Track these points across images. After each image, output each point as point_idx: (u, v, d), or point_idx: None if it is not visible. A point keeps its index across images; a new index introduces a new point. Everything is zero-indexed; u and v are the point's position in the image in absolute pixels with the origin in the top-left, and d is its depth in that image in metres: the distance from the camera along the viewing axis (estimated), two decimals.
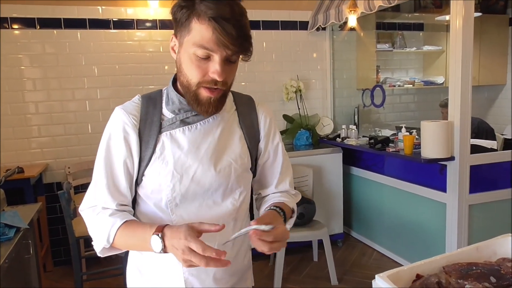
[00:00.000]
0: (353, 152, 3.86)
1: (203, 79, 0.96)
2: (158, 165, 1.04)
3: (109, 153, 1.04)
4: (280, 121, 4.15)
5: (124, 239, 0.99)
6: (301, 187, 3.52)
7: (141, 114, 1.06)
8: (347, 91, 4.41)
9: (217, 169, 1.07)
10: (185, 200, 1.06)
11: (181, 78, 1.01)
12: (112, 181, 1.04)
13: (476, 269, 1.02)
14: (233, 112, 1.15)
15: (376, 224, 3.72)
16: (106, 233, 0.99)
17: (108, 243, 1.00)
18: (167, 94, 1.09)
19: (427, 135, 2.78)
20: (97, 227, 1.02)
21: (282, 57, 4.13)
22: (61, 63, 3.47)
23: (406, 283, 1.01)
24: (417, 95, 4.80)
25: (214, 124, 1.09)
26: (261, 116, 1.19)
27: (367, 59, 4.39)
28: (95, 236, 1.03)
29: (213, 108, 1.01)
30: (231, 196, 1.11)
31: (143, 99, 1.09)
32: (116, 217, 1.00)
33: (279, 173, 1.21)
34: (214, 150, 1.08)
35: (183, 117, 1.06)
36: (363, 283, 3.15)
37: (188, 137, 1.06)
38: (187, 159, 1.05)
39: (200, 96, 0.99)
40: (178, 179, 1.04)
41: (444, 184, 2.86)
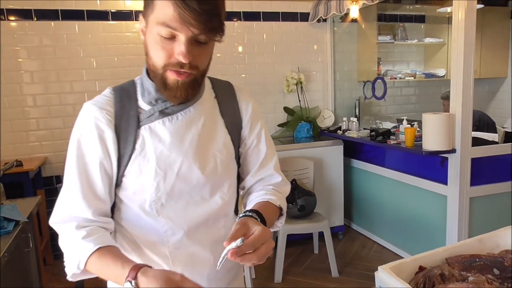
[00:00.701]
0: (354, 144, 3.85)
1: (168, 61, 0.88)
2: (139, 163, 0.95)
3: (81, 155, 0.94)
4: (280, 114, 4.14)
5: (96, 268, 0.87)
6: (302, 180, 3.51)
7: (116, 108, 0.96)
8: (348, 83, 4.38)
9: (204, 162, 1.00)
10: (171, 199, 0.97)
11: (148, 62, 0.93)
12: (87, 185, 0.93)
13: (479, 261, 1.01)
14: (212, 100, 1.06)
15: (377, 217, 3.71)
16: (76, 259, 0.87)
17: (79, 269, 0.88)
18: (142, 84, 0.99)
19: (428, 127, 2.76)
20: (68, 249, 0.90)
21: (282, 48, 4.10)
22: (59, 55, 3.44)
23: (409, 275, 1.00)
24: (418, 88, 4.78)
25: (196, 114, 1.00)
26: (242, 103, 1.10)
27: (368, 51, 4.36)
28: (66, 259, 0.91)
29: (181, 92, 0.91)
30: (219, 190, 1.03)
31: (115, 92, 0.99)
32: (89, 241, 0.87)
33: (262, 159, 1.10)
34: (199, 142, 1.00)
35: (161, 108, 0.97)
36: (363, 275, 3.15)
37: (169, 129, 0.97)
38: (170, 154, 0.96)
39: (168, 80, 0.90)
40: (162, 176, 0.95)
41: (445, 176, 2.85)
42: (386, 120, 4.16)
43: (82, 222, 0.91)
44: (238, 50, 3.97)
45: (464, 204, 2.79)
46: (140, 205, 0.97)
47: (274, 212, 1.02)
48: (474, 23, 2.62)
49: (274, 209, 1.02)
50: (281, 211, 1.05)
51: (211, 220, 1.02)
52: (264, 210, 0.96)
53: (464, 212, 2.80)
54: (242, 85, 3.94)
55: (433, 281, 0.94)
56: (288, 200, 3.59)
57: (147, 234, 0.99)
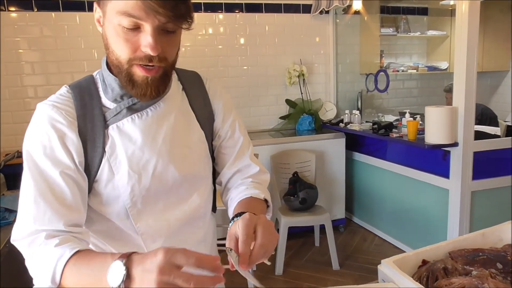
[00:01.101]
0: (356, 137, 3.84)
1: (134, 55, 0.79)
2: (110, 167, 0.86)
3: (38, 164, 0.81)
4: (282, 106, 4.12)
5: (75, 276, 0.72)
6: (303, 172, 3.50)
7: (77, 108, 0.86)
8: (350, 76, 4.36)
9: (179, 160, 0.92)
10: (147, 203, 0.90)
11: (110, 56, 0.83)
12: (52, 194, 0.80)
13: (483, 255, 1.00)
14: (180, 93, 0.98)
15: (378, 210, 3.71)
16: (50, 269, 0.72)
17: (54, 283, 0.73)
18: (103, 80, 0.90)
19: (431, 120, 2.75)
20: (38, 262, 0.75)
21: (284, 40, 4.07)
22: (60, 46, 3.42)
23: (412, 269, 1.00)
24: (421, 81, 4.75)
25: (166, 109, 0.92)
26: (212, 94, 1.02)
27: (371, 43, 4.33)
28: (37, 275, 0.76)
29: (152, 90, 0.83)
30: (197, 188, 0.97)
31: (73, 90, 0.88)
32: (64, 247, 0.74)
33: (238, 150, 1.03)
34: (173, 138, 0.92)
35: (129, 104, 0.88)
36: (364, 268, 3.15)
37: (139, 127, 0.88)
38: (143, 154, 0.88)
39: (135, 76, 0.81)
40: (136, 179, 0.87)
41: (447, 170, 2.84)
42: (388, 113, 4.14)
43: (52, 232, 0.78)
44: (240, 42, 3.94)
45: (466, 198, 2.78)
46: (114, 213, 0.89)
47: (261, 207, 0.95)
48: (477, 16, 2.60)
49: (260, 203, 0.95)
50: (267, 203, 0.98)
51: (190, 221, 0.96)
52: (251, 209, 0.88)
53: (465, 206, 2.80)
54: (244, 77, 3.96)
55: (436, 275, 0.94)
56: (290, 193, 3.59)
57: (124, 244, 0.91)
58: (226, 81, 3.91)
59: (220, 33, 3.86)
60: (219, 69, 3.89)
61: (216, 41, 3.85)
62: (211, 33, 3.83)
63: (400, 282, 0.90)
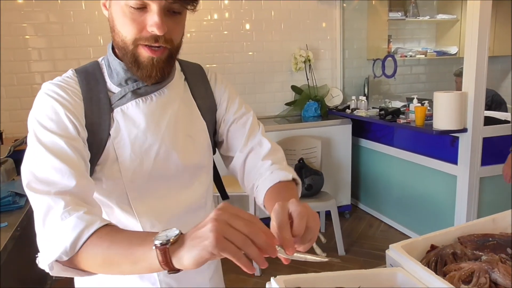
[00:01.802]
0: (363, 123, 3.81)
1: (140, 35, 0.79)
2: (114, 151, 0.85)
3: (47, 134, 0.77)
4: (288, 92, 4.10)
5: (102, 245, 0.66)
6: (309, 159, 3.50)
7: (83, 91, 0.85)
8: (357, 61, 4.31)
9: (182, 148, 0.92)
10: (148, 189, 0.89)
11: (116, 38, 0.83)
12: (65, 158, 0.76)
13: (492, 241, 1.00)
14: (183, 83, 0.98)
15: (384, 196, 3.71)
16: (73, 234, 0.67)
17: (72, 250, 0.67)
18: (109, 65, 0.89)
19: (439, 106, 2.72)
20: (58, 226, 0.69)
21: (290, 26, 4.03)
22: (66, 32, 3.41)
23: (420, 254, 1.00)
24: (429, 66, 4.70)
25: (170, 96, 0.92)
26: (215, 86, 1.02)
27: (379, 28, 4.27)
28: (51, 238, 0.69)
29: (157, 71, 0.83)
30: (198, 176, 0.97)
31: (79, 74, 0.88)
32: (95, 216, 0.70)
33: (248, 128, 1.00)
34: (176, 126, 0.91)
35: (133, 88, 0.87)
36: (370, 254, 3.17)
37: (143, 112, 0.88)
38: (146, 138, 0.87)
39: (140, 57, 0.81)
40: (137, 163, 0.87)
41: (455, 156, 2.82)
42: (395, 99, 4.10)
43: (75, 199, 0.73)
44: (245, 27, 3.90)
45: (474, 184, 2.77)
46: (114, 198, 0.88)
47: (291, 189, 0.91)
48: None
49: (289, 185, 0.92)
50: (295, 181, 0.95)
51: (190, 210, 0.96)
52: (285, 195, 0.85)
53: (474, 192, 2.78)
54: (249, 63, 3.93)
55: (445, 260, 0.94)
56: None
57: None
58: (231, 67, 3.89)
59: (225, 18, 3.82)
60: (224, 55, 3.86)
61: (222, 27, 3.82)
62: (216, 18, 3.80)
63: (408, 267, 0.90)
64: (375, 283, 0.89)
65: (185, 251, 0.58)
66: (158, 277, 0.94)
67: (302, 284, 0.85)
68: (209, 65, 3.76)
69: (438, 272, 0.91)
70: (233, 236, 0.56)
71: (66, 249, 0.67)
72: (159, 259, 0.59)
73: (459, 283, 0.86)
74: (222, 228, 0.56)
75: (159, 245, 0.59)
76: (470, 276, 0.87)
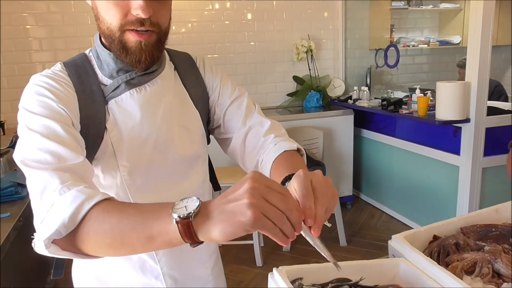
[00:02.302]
0: (365, 114, 3.80)
1: (125, 20, 0.77)
2: (111, 144, 0.84)
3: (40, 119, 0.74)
4: (290, 83, 4.08)
5: (109, 218, 0.61)
6: (311, 150, 3.49)
7: (74, 84, 0.83)
8: (359, 52, 4.28)
9: (178, 138, 0.91)
10: (146, 181, 0.88)
11: (101, 27, 0.81)
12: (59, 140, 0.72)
13: (495, 231, 0.99)
14: (173, 72, 0.96)
15: (386, 187, 3.71)
16: (73, 206, 0.62)
17: (72, 224, 0.62)
18: (98, 57, 0.87)
19: (442, 96, 2.71)
20: (57, 200, 0.64)
21: (292, 16, 3.99)
22: (67, 22, 3.39)
23: (423, 244, 0.99)
24: (432, 56, 4.66)
25: (164, 86, 0.90)
26: (206, 74, 1.00)
27: (381, 17, 4.23)
28: (44, 213, 0.64)
29: (147, 55, 0.80)
30: (195, 167, 0.96)
31: (69, 68, 0.85)
32: (95, 191, 0.67)
33: (244, 108, 0.99)
34: (171, 117, 0.90)
35: (127, 78, 0.85)
36: (371, 244, 3.17)
37: (138, 102, 0.86)
38: (142, 130, 0.86)
39: (128, 42, 0.79)
40: (135, 156, 0.86)
41: (458, 146, 2.81)
42: (397, 89, 4.08)
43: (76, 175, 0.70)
44: (247, 17, 3.87)
45: (477, 174, 2.76)
46: (113, 190, 0.86)
47: (298, 159, 0.89)
48: None
49: (296, 155, 0.90)
50: (300, 152, 0.93)
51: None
52: (292, 164, 0.83)
53: (476, 183, 2.78)
54: (250, 53, 3.91)
55: (448, 251, 0.94)
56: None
57: None
58: (233, 57, 3.87)
59: (227, 8, 3.79)
60: (226, 45, 3.84)
61: (223, 17, 3.79)
62: (217, 8, 3.76)
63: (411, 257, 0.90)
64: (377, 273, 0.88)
65: (215, 224, 0.54)
66: (161, 270, 0.94)
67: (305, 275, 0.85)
68: (210, 55, 3.75)
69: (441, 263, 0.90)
70: (271, 213, 0.53)
71: (64, 222, 0.61)
72: (181, 233, 0.55)
73: (462, 273, 0.86)
74: (260, 204, 0.52)
75: (179, 219, 0.55)
76: (472, 266, 0.87)
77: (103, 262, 0.91)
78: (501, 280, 0.83)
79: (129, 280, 0.93)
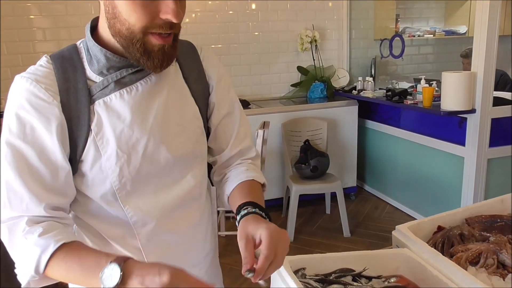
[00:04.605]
0: (369, 105, 3.78)
1: (152, 23, 0.73)
2: (97, 146, 0.80)
3: (18, 145, 0.75)
4: (294, 73, 4.05)
5: (62, 270, 0.70)
6: (315, 140, 3.49)
7: (59, 82, 0.78)
8: (364, 42, 4.24)
9: (172, 140, 0.86)
10: (137, 185, 0.84)
11: (117, 26, 0.75)
12: (32, 177, 0.75)
13: (501, 222, 0.99)
14: (174, 64, 0.89)
15: (390, 178, 3.70)
16: (33, 260, 0.70)
17: (38, 274, 0.71)
18: (88, 50, 0.82)
19: (448, 86, 2.68)
20: (21, 251, 0.73)
21: (297, 5, 3.96)
22: (70, 12, 3.38)
23: (427, 235, 0.99)
24: (437, 46, 4.61)
25: (158, 83, 0.84)
26: (208, 66, 0.95)
27: (386, 7, 4.19)
28: (18, 262, 0.73)
29: (167, 59, 0.78)
30: (191, 169, 0.90)
31: (55, 61, 0.81)
32: (48, 238, 0.71)
33: (237, 129, 0.96)
34: (165, 116, 0.85)
35: (117, 77, 0.80)
36: (375, 235, 3.18)
37: (129, 104, 0.81)
38: (132, 133, 0.81)
39: (150, 46, 0.75)
40: (125, 160, 0.81)
41: (463, 137, 2.80)
42: (402, 80, 4.04)
43: (33, 218, 0.75)
44: (251, 7, 3.84)
45: (482, 165, 2.75)
46: (102, 195, 0.82)
47: (260, 190, 0.92)
48: None
49: (258, 187, 0.92)
50: (263, 187, 0.95)
51: (184, 203, 0.90)
52: (255, 195, 0.87)
53: (481, 174, 2.76)
54: (254, 43, 3.88)
55: (452, 241, 0.93)
56: (301, 160, 3.59)
57: (114, 227, 0.86)
58: (237, 47, 3.84)
59: None
60: (230, 35, 3.81)
61: (227, 7, 3.76)
62: None
63: (415, 248, 0.90)
64: (381, 264, 0.88)
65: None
66: None
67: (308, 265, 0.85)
68: (214, 45, 3.73)
69: (445, 253, 0.90)
70: None
71: (32, 274, 0.71)
72: None
73: (466, 264, 0.85)
74: None
75: None
76: (477, 257, 0.87)
77: None
78: (506, 271, 0.83)
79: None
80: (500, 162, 2.80)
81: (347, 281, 0.83)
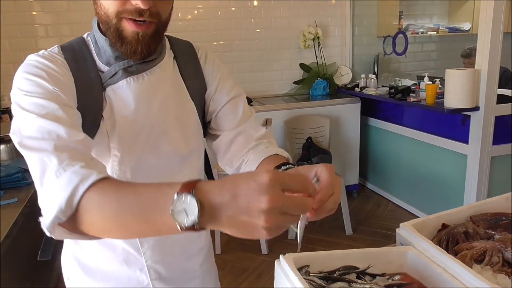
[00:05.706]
0: (372, 102, 3.76)
1: (123, 8, 0.73)
2: (106, 133, 0.81)
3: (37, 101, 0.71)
4: (296, 70, 4.04)
5: (104, 206, 0.59)
6: (317, 138, 3.48)
7: (72, 70, 0.79)
8: (367, 39, 4.23)
9: (173, 132, 0.88)
10: (137, 174, 0.85)
11: (98, 11, 0.78)
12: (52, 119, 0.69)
13: (506, 220, 0.98)
14: (172, 62, 0.92)
15: (393, 176, 3.69)
16: (65, 191, 0.60)
17: (69, 208, 0.59)
18: (95, 42, 0.84)
19: (451, 84, 2.67)
20: (55, 184, 0.62)
21: (299, 2, 3.94)
22: (72, 8, 3.37)
23: (431, 233, 0.98)
24: (441, 43, 4.59)
25: (161, 76, 0.87)
26: (204, 62, 0.96)
27: (390, 4, 4.17)
28: (45, 198, 0.63)
29: (143, 47, 0.77)
30: (188, 161, 0.92)
31: (65, 52, 0.82)
32: (91, 169, 0.63)
33: (241, 113, 0.96)
34: (167, 109, 0.87)
35: (124, 66, 0.82)
36: (377, 233, 3.17)
37: (134, 92, 0.83)
38: (136, 120, 0.83)
39: (124, 31, 0.76)
40: (127, 147, 0.83)
41: (466, 135, 2.78)
42: (405, 77, 4.03)
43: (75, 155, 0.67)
44: (253, 4, 3.83)
45: (485, 163, 2.74)
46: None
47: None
48: None
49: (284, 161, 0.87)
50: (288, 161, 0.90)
51: None
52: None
53: (484, 172, 2.75)
54: (257, 40, 3.87)
55: (457, 239, 0.93)
56: (303, 158, 3.57)
57: None
58: (239, 44, 3.83)
59: None
60: (232, 32, 3.80)
61: (229, 3, 3.74)
62: None
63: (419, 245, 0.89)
64: (385, 261, 0.88)
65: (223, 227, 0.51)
66: (146, 263, 0.92)
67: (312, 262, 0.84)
68: (216, 42, 3.72)
69: (450, 251, 0.89)
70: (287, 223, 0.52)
71: (62, 207, 0.59)
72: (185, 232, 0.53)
73: (471, 262, 0.85)
74: (277, 225, 0.50)
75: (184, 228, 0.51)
76: (482, 255, 0.86)
77: (88, 253, 0.92)
78: (511, 269, 0.82)
79: (114, 271, 0.92)
80: (503, 160, 2.79)
81: (351, 278, 0.83)
